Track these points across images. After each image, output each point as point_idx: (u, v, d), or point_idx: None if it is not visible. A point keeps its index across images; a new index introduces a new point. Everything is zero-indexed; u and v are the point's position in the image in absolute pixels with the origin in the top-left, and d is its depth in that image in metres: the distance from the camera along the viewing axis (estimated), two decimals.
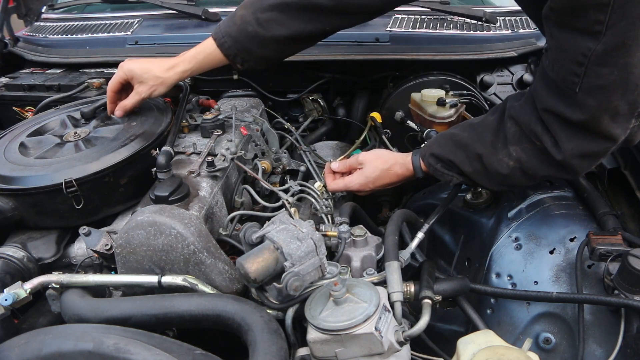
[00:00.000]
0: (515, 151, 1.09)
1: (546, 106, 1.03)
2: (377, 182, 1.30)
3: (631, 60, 0.90)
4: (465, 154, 1.16)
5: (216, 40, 1.36)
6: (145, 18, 1.97)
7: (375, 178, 1.30)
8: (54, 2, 2.18)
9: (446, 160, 1.19)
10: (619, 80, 0.92)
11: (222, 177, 1.28)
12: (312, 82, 1.78)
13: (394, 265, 1.03)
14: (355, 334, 0.87)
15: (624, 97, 0.94)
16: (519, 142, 1.08)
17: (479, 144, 1.14)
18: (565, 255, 1.13)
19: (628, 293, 0.97)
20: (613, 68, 0.91)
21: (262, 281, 0.96)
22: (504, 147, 1.10)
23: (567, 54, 0.95)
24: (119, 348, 0.81)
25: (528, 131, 1.07)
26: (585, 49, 0.91)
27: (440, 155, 1.19)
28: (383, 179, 1.30)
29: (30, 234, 1.23)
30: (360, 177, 1.31)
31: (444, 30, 1.74)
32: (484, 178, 1.16)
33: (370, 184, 1.31)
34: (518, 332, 1.11)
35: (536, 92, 1.06)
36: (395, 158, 1.30)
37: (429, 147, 1.24)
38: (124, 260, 1.08)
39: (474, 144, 1.14)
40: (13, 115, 1.71)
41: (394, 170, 1.29)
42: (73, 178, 1.14)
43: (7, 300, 0.97)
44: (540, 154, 1.06)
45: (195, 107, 1.59)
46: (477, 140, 1.14)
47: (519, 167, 1.09)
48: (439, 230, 1.45)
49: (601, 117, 0.96)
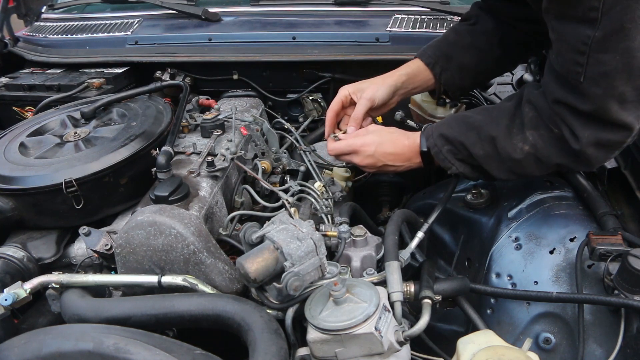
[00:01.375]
0: (531, 135, 1.07)
1: (556, 97, 1.02)
2: (381, 147, 1.24)
3: (632, 44, 0.89)
4: (477, 136, 1.12)
5: (417, 54, 1.42)
6: (145, 18, 1.97)
7: (380, 143, 1.25)
8: (54, 2, 2.18)
9: (456, 143, 1.15)
10: (622, 66, 0.91)
11: (222, 177, 1.28)
12: (312, 82, 1.78)
13: (394, 265, 1.03)
14: (355, 333, 0.87)
15: (630, 83, 0.93)
16: (536, 128, 1.07)
17: (493, 127, 1.11)
18: (565, 255, 1.12)
19: (628, 293, 0.97)
20: (614, 53, 0.91)
21: (262, 281, 0.96)
22: (520, 132, 1.08)
23: (569, 45, 0.96)
24: (119, 348, 0.81)
25: (546, 118, 1.06)
26: (585, 37, 0.91)
27: (449, 136, 1.15)
28: (387, 146, 1.24)
29: (30, 234, 1.23)
30: (364, 138, 1.26)
31: (444, 30, 1.73)
32: (494, 163, 1.12)
33: (373, 146, 1.25)
34: (518, 332, 1.11)
35: (546, 86, 1.06)
36: (406, 132, 1.26)
37: (438, 127, 1.19)
38: (124, 260, 1.09)
39: (488, 126, 1.12)
40: (13, 115, 1.71)
41: (400, 140, 1.24)
42: (73, 178, 1.14)
43: (7, 300, 0.97)
44: (557, 142, 1.05)
45: (195, 107, 1.60)
46: (491, 123, 1.12)
47: (533, 154, 1.08)
48: (439, 230, 1.45)
49: (609, 104, 0.95)
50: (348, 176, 1.55)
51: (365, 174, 1.59)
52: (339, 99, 1.37)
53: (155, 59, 1.78)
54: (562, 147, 1.05)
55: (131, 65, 1.80)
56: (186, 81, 1.78)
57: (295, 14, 1.92)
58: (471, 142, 1.13)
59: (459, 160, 1.16)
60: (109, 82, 1.72)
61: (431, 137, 1.19)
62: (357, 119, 1.33)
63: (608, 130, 0.99)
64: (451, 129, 1.16)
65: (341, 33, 1.76)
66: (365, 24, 1.83)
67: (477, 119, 1.15)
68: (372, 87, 1.35)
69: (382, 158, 1.25)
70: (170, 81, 1.72)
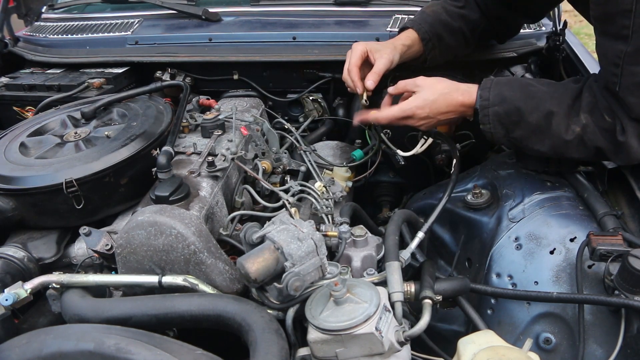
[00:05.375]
0: (585, 119, 1.12)
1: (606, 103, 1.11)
2: (434, 106, 1.23)
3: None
4: (536, 105, 1.15)
5: (414, 27, 1.47)
6: (146, 18, 1.97)
7: (433, 101, 1.23)
8: (54, 2, 2.18)
9: (512, 108, 1.16)
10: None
11: (223, 177, 1.28)
12: (312, 82, 1.78)
13: (394, 265, 1.03)
14: (356, 334, 0.87)
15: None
16: (591, 113, 1.12)
17: (555, 103, 1.14)
18: (566, 256, 1.13)
19: (628, 293, 0.97)
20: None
21: (262, 281, 0.96)
22: (576, 114, 1.13)
23: (607, 58, 1.08)
24: (120, 348, 0.81)
25: (602, 107, 1.11)
26: (619, 51, 1.04)
27: (508, 97, 1.17)
28: (441, 105, 1.23)
29: (30, 234, 1.23)
30: (417, 100, 1.24)
31: None
32: (540, 136, 1.16)
33: (427, 108, 1.24)
34: (518, 332, 1.11)
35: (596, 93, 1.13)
36: (457, 84, 1.26)
37: (498, 84, 1.20)
38: (124, 260, 1.09)
39: (551, 100, 1.15)
40: (13, 115, 1.71)
41: (454, 96, 1.23)
42: (73, 178, 1.14)
43: (8, 300, 0.98)
44: (606, 130, 1.11)
45: (196, 107, 1.59)
46: (555, 98, 1.15)
47: (581, 136, 1.12)
48: (439, 230, 1.45)
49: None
50: (348, 176, 1.55)
51: (365, 174, 1.59)
52: (358, 53, 1.39)
53: (156, 59, 1.78)
54: (608, 135, 1.11)
55: (131, 65, 1.80)
56: (186, 81, 1.78)
57: (295, 14, 1.92)
58: (529, 109, 1.15)
59: (499, 122, 1.18)
60: (109, 82, 1.72)
61: (487, 91, 1.20)
62: (379, 72, 1.36)
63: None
64: (512, 92, 1.18)
65: (341, 33, 1.76)
66: (366, 24, 1.83)
67: (540, 90, 1.18)
68: (389, 51, 1.39)
69: (437, 116, 1.26)
70: (170, 81, 1.72)
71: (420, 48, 1.48)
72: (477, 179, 1.42)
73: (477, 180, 1.41)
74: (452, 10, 1.50)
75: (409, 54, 1.47)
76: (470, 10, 1.50)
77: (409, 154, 1.44)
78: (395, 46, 1.43)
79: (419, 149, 1.41)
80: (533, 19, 1.66)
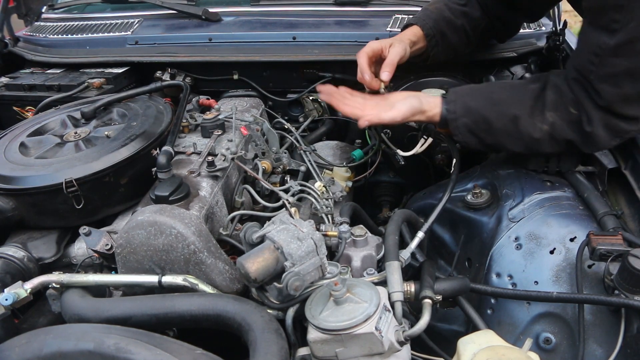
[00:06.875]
0: (551, 116, 1.18)
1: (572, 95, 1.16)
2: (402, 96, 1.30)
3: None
4: (500, 111, 1.21)
5: (418, 23, 1.48)
6: (146, 18, 1.97)
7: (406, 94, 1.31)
8: (54, 2, 2.18)
9: (477, 115, 1.22)
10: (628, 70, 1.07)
11: (223, 177, 1.28)
12: (312, 82, 1.78)
13: (394, 265, 1.03)
14: (356, 333, 0.87)
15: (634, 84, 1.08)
16: (556, 110, 1.18)
17: (518, 106, 1.21)
18: (566, 255, 1.13)
19: (628, 293, 0.97)
20: (622, 59, 1.06)
21: (262, 281, 0.96)
22: (541, 113, 1.19)
23: (588, 46, 1.12)
24: (120, 348, 0.82)
25: (568, 101, 1.17)
26: (602, 42, 1.07)
27: (474, 108, 1.23)
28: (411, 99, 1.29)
29: (30, 233, 1.23)
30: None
31: None
32: (510, 138, 1.23)
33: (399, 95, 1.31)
34: (518, 332, 1.11)
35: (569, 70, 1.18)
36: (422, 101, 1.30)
37: (462, 94, 1.26)
38: (124, 260, 1.09)
39: (513, 104, 1.21)
40: (13, 115, 1.71)
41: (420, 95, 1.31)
42: (73, 178, 1.14)
43: (8, 300, 0.98)
44: (572, 123, 1.17)
45: (196, 107, 1.59)
46: (517, 102, 1.21)
47: (550, 133, 1.19)
48: (439, 230, 1.45)
49: (616, 100, 1.10)
50: (348, 176, 1.55)
51: (365, 173, 1.59)
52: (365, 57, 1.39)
53: (156, 59, 1.78)
54: (576, 128, 1.17)
55: (131, 65, 1.80)
56: (186, 81, 1.78)
57: (295, 14, 1.92)
58: (494, 116, 1.22)
59: (470, 132, 1.24)
60: (109, 82, 1.72)
61: (452, 104, 1.25)
62: (393, 63, 1.37)
63: (618, 119, 1.13)
64: (476, 101, 1.24)
65: (341, 33, 1.76)
66: (365, 24, 1.83)
67: (502, 96, 1.24)
68: (401, 45, 1.40)
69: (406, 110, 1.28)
70: (170, 81, 1.72)
71: (424, 45, 1.49)
72: (477, 179, 1.42)
73: (477, 180, 1.41)
74: (454, 8, 1.51)
75: (414, 50, 1.48)
76: (472, 8, 1.52)
77: (409, 153, 1.44)
78: (403, 41, 1.44)
79: (419, 149, 1.41)
80: (532, 18, 1.66)
